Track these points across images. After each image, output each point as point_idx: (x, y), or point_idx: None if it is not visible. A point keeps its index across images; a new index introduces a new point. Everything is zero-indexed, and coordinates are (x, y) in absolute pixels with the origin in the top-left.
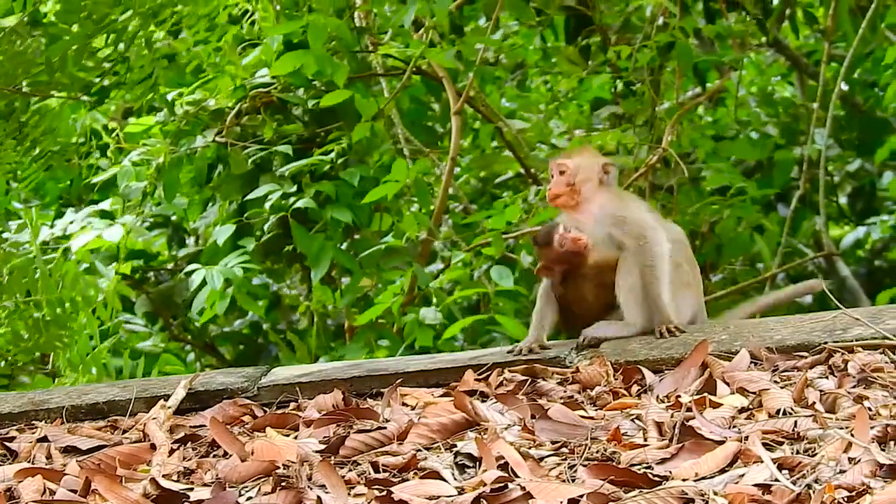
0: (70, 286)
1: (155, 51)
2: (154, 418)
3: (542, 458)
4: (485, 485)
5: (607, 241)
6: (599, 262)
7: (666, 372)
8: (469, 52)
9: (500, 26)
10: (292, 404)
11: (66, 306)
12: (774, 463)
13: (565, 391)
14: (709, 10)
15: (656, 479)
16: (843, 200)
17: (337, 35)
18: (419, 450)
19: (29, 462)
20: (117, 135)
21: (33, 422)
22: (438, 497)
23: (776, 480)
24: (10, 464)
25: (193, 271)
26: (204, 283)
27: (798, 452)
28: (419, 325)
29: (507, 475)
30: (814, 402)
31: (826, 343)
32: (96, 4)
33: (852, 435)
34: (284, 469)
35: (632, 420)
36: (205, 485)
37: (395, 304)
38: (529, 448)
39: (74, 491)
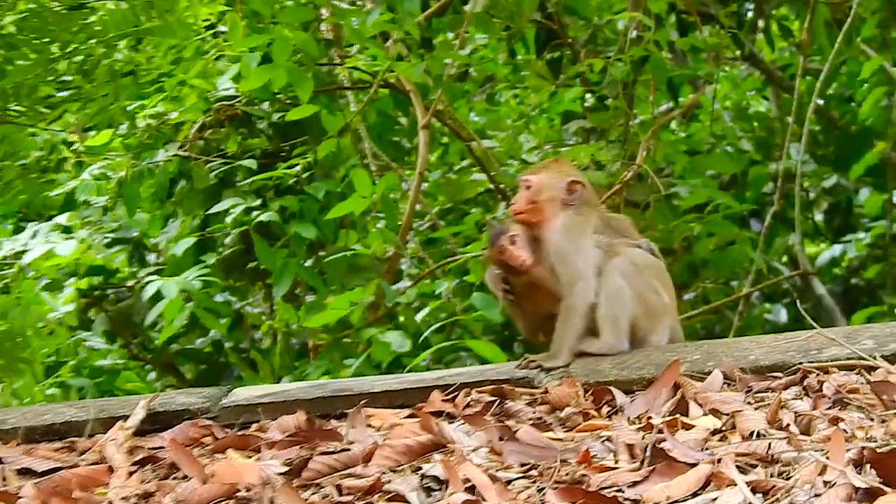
0: (24, 310)
1: (115, 63)
2: (112, 440)
3: (510, 481)
4: None
5: (552, 266)
6: (536, 282)
7: (637, 393)
8: (437, 65)
9: (469, 39)
10: (254, 425)
11: (18, 338)
12: (748, 486)
13: (534, 412)
14: (682, 22)
15: (627, 502)
16: (818, 217)
17: (303, 48)
18: (384, 472)
19: None
20: (77, 149)
21: None
22: None
23: None
24: None
25: (150, 282)
26: (159, 295)
27: (772, 476)
28: (378, 342)
29: (474, 498)
30: (788, 424)
31: (801, 363)
32: (61, 31)
33: (828, 458)
34: (246, 492)
35: (602, 442)
36: None
37: (353, 315)
38: (497, 470)
39: None
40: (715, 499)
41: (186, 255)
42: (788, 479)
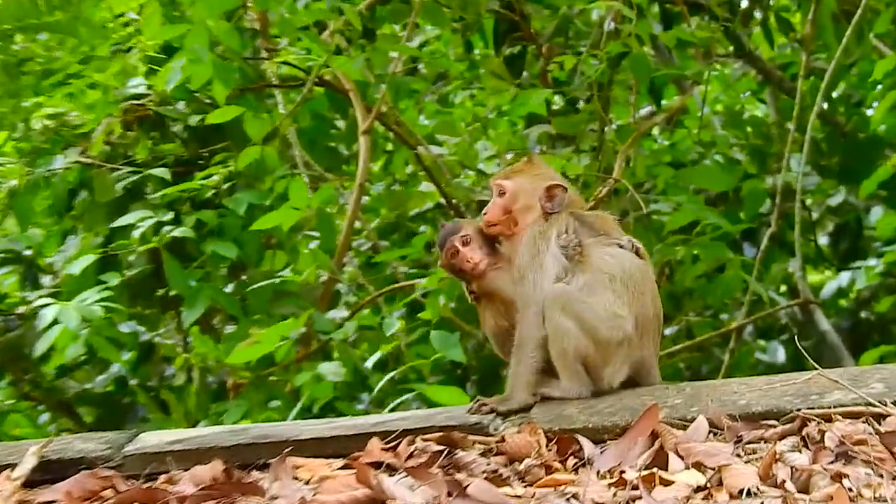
0: None
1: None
2: None
3: None
4: None
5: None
6: (492, 291)
7: (609, 442)
8: (381, 60)
9: (418, 31)
10: (163, 476)
11: None
12: None
13: (489, 464)
14: (666, 13)
15: None
16: (823, 240)
17: (223, 40)
18: None
19: None
20: None
21: None
22: None
23: None
24: None
25: (43, 306)
26: (57, 323)
27: None
28: (310, 382)
29: None
30: (784, 481)
31: (799, 410)
32: None
33: None
34: None
35: (567, 499)
36: None
37: (281, 350)
38: None
39: None
40: None
41: (86, 274)
42: None
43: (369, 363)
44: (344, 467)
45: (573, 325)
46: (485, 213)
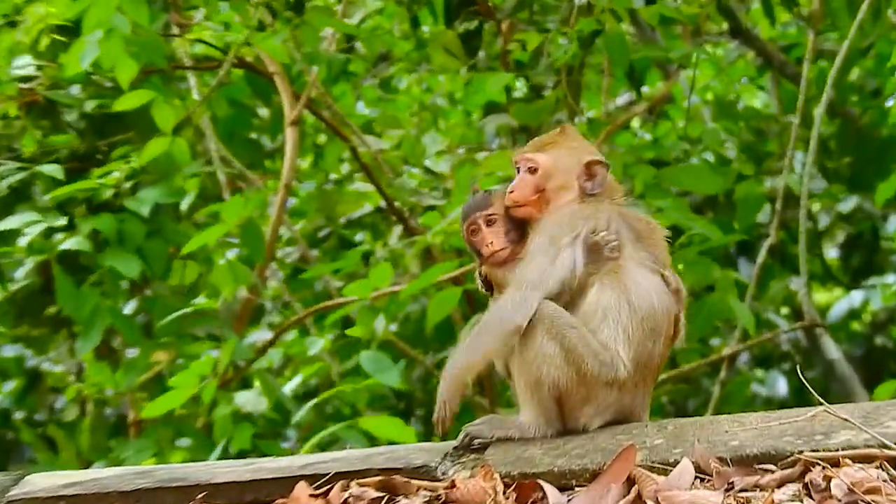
0: None
1: None
2: None
3: None
4: None
5: None
6: (502, 284)
7: (577, 489)
8: (311, 38)
9: (357, 3)
10: None
11: None
12: None
13: None
14: None
15: None
16: (831, 254)
17: (127, 12)
18: None
19: None
20: None
21: None
22: None
23: None
24: None
25: None
26: None
27: None
28: (236, 418)
29: None
30: None
31: (801, 452)
32: None
33: None
34: None
35: None
36: None
37: (205, 391)
38: None
39: None
40: None
41: None
42: None
43: (290, 386)
44: None
45: (558, 351)
46: (511, 192)
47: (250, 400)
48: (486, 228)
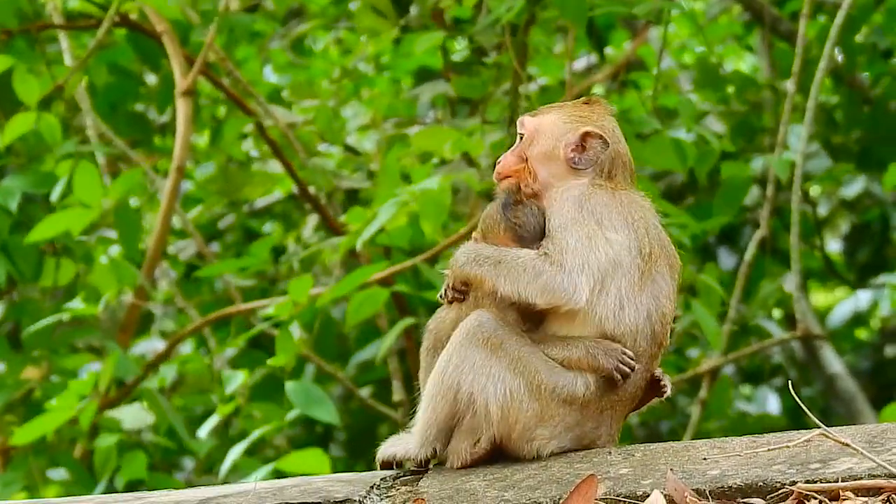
0: None
1: None
2: None
3: None
4: None
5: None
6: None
7: None
8: None
9: None
10: None
11: None
12: None
13: None
14: None
15: None
16: (833, 247)
17: None
18: None
19: None
20: None
21: None
22: None
23: None
24: None
25: None
26: None
27: None
28: (123, 446)
29: None
30: None
31: (794, 483)
32: None
33: None
34: None
35: None
36: None
37: (84, 414)
38: None
39: None
40: None
41: None
42: None
43: (202, 431)
44: None
45: (493, 358)
46: (498, 161)
47: (133, 416)
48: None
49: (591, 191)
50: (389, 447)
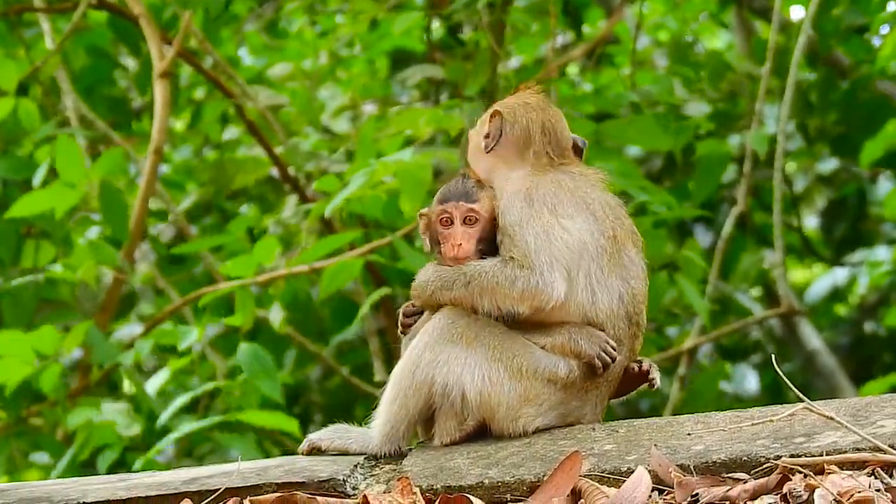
0: None
1: None
2: None
3: None
4: None
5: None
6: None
7: None
8: None
9: None
10: None
11: None
12: None
13: None
14: None
15: None
16: (810, 223)
17: None
18: None
19: None
20: None
21: None
22: None
23: None
24: None
25: None
26: None
27: None
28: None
29: None
30: None
31: (779, 458)
32: None
33: None
34: None
35: None
36: None
37: (45, 378)
38: None
39: None
40: None
41: None
42: None
43: (156, 381)
44: None
45: (467, 350)
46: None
47: (116, 413)
48: (462, 227)
49: (534, 180)
50: (338, 439)
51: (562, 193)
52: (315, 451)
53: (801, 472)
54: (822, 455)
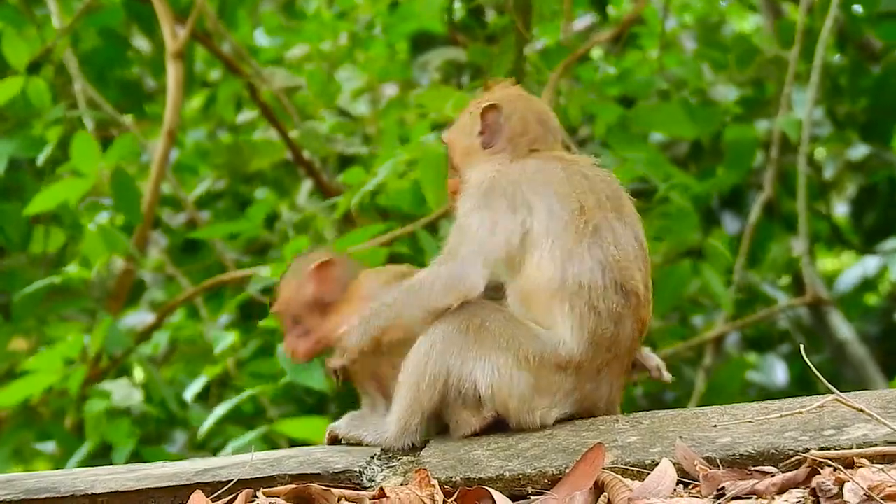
0: None
1: None
2: None
3: None
4: None
5: None
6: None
7: (533, 498)
8: None
9: None
10: None
11: None
12: None
13: None
14: None
15: None
16: (840, 210)
17: None
18: None
19: None
20: None
21: None
22: None
23: None
24: None
25: None
26: None
27: None
28: (110, 415)
29: None
30: None
31: (807, 451)
32: None
33: None
34: None
35: None
36: None
37: (72, 379)
38: None
39: None
40: None
41: None
42: None
43: (188, 394)
44: None
45: (473, 339)
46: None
47: (121, 391)
48: (292, 327)
49: (500, 169)
50: (354, 429)
51: (524, 178)
52: (334, 440)
53: (830, 466)
54: (851, 448)
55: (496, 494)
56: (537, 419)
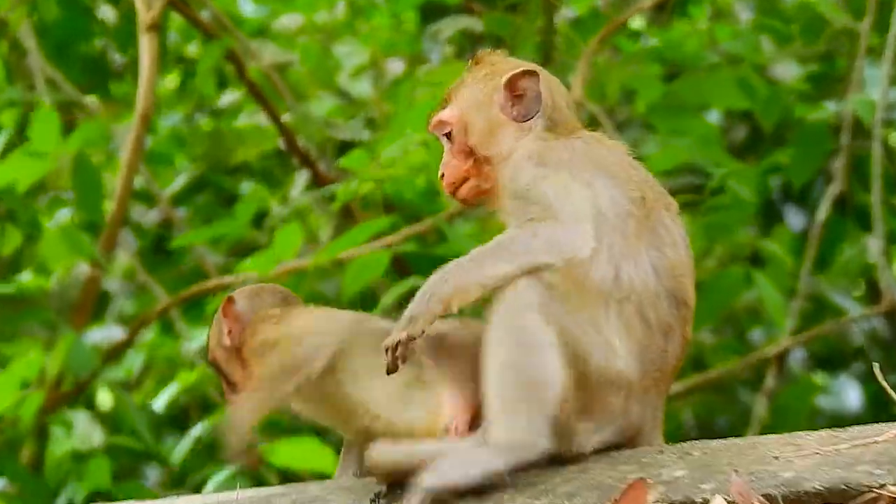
0: None
1: None
2: None
3: None
4: None
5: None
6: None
7: None
8: None
9: None
10: None
11: None
12: None
13: None
14: None
15: None
16: None
17: None
18: None
19: None
20: None
21: None
22: None
23: None
24: None
25: None
26: None
27: None
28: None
29: None
30: None
31: (883, 486)
32: None
33: None
34: None
35: None
36: None
37: (26, 407)
38: None
39: None
40: None
41: None
42: None
43: (158, 403)
44: None
45: (555, 338)
46: (441, 176)
47: (82, 426)
48: (224, 380)
49: (543, 144)
50: (451, 473)
51: (576, 156)
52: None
53: None
54: None
55: None
56: (573, 447)
